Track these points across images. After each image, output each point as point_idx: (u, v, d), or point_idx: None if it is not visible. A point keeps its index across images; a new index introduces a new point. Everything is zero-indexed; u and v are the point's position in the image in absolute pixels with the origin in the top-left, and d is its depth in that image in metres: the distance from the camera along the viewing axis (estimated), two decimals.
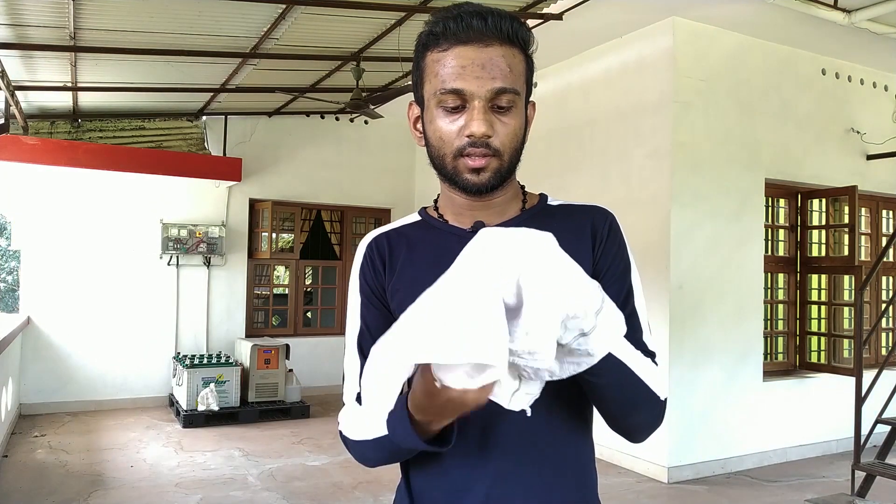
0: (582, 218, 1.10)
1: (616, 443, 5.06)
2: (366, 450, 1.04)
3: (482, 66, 0.98)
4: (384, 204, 8.46)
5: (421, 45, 1.05)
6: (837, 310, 6.02)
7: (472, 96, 0.98)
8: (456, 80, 0.98)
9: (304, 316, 8.37)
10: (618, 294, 1.06)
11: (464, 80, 0.98)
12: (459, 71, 0.98)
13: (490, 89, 0.98)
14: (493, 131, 0.99)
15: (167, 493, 4.50)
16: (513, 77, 1.00)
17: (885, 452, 4.40)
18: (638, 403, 1.00)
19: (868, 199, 6.30)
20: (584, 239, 1.08)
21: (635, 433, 1.07)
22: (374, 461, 1.06)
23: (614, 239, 1.10)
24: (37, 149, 6.35)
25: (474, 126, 0.98)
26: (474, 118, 0.98)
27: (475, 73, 0.98)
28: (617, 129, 5.47)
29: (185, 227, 7.28)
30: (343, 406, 1.12)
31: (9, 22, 4.35)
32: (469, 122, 0.99)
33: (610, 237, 1.09)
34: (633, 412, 1.02)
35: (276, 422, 6.58)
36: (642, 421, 1.04)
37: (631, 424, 1.04)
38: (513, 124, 1.01)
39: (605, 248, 1.08)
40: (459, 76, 0.98)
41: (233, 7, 4.34)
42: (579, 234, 1.08)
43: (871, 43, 5.33)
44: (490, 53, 0.99)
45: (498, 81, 0.98)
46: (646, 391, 0.99)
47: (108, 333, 6.98)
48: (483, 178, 1.01)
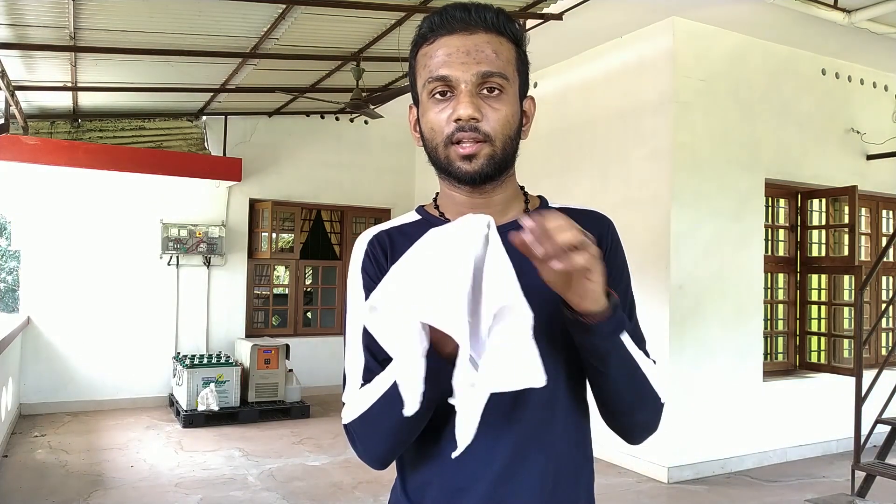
0: (588, 225, 1.10)
1: (616, 443, 5.02)
2: (371, 423, 0.99)
3: (467, 53, 0.99)
4: (384, 204, 8.46)
5: (412, 46, 1.07)
6: (837, 310, 6.03)
7: (457, 81, 0.99)
8: (442, 68, 1.00)
9: (304, 316, 8.37)
10: (623, 307, 1.06)
11: (449, 66, 1.00)
12: (445, 59, 1.00)
13: (475, 73, 0.99)
14: (482, 115, 0.99)
15: (167, 493, 4.50)
16: (499, 62, 1.01)
17: (885, 452, 4.40)
18: (641, 400, 1.03)
19: (868, 199, 6.30)
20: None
21: (634, 433, 1.08)
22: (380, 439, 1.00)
23: (616, 249, 1.12)
24: (37, 149, 6.35)
25: (461, 109, 0.98)
26: (461, 102, 0.99)
27: (460, 59, 0.99)
28: (617, 129, 5.47)
29: (185, 227, 7.28)
30: (343, 406, 1.08)
31: (9, 22, 4.35)
32: (456, 107, 0.99)
33: (613, 247, 1.11)
34: (635, 409, 1.04)
35: (276, 422, 6.58)
36: (643, 420, 1.06)
37: (632, 423, 1.06)
38: (504, 110, 1.01)
39: (611, 258, 1.10)
40: (445, 63, 1.00)
41: (233, 7, 4.34)
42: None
43: (871, 43, 5.33)
44: (475, 40, 1.00)
45: (483, 65, 0.99)
46: (649, 389, 1.03)
47: (109, 333, 6.98)
48: (475, 165, 1.01)
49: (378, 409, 0.98)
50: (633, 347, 0.99)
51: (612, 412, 1.05)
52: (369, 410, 1.00)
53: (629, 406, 1.03)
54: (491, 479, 1.00)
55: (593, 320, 0.91)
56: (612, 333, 0.94)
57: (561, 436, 1.05)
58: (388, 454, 1.03)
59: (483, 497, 1.00)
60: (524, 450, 1.01)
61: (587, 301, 0.90)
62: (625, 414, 1.05)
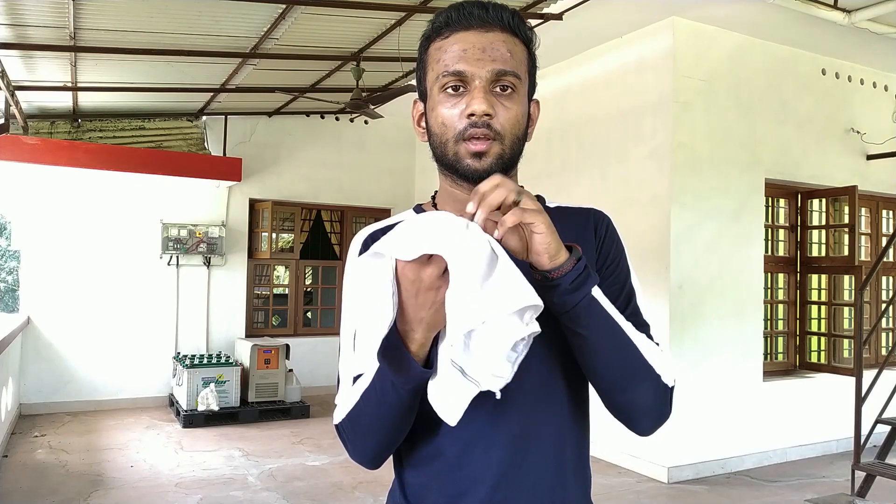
0: (582, 220, 1.11)
1: (616, 443, 5.06)
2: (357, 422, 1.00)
3: (483, 49, 0.99)
4: (384, 204, 8.46)
5: (424, 39, 1.07)
6: (837, 310, 6.03)
7: (472, 77, 0.99)
8: (458, 63, 1.00)
9: (304, 316, 8.37)
10: (619, 291, 1.08)
11: (465, 62, 0.99)
12: (461, 54, 1.00)
13: (490, 70, 0.99)
14: (494, 112, 0.99)
15: (167, 493, 4.50)
16: (513, 62, 1.01)
17: (885, 452, 4.40)
18: (634, 374, 0.99)
19: (868, 199, 6.30)
20: (588, 240, 1.09)
21: (637, 418, 1.03)
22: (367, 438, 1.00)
23: (613, 240, 1.11)
24: (37, 149, 6.35)
25: (475, 104, 0.98)
26: (475, 97, 0.98)
27: (476, 56, 0.99)
28: (617, 129, 5.47)
29: (185, 227, 7.28)
30: (335, 406, 1.07)
31: (9, 22, 4.35)
32: (470, 102, 0.99)
33: (608, 238, 1.11)
34: (628, 383, 1.00)
35: (276, 422, 6.58)
36: (640, 400, 1.01)
37: (628, 403, 1.01)
38: (514, 109, 1.01)
39: (606, 249, 1.10)
40: (461, 59, 0.99)
41: (233, 7, 4.34)
42: (583, 235, 1.09)
43: (871, 43, 5.33)
44: (491, 38, 1.00)
45: (498, 63, 0.99)
46: (643, 363, 0.99)
47: (109, 333, 6.98)
48: (485, 163, 1.00)
49: (362, 408, 0.99)
50: (611, 308, 0.97)
51: (604, 390, 1.01)
52: (354, 409, 1.00)
53: (619, 378, 0.99)
54: (490, 482, 1.00)
55: (556, 275, 0.90)
56: (579, 286, 0.91)
57: (559, 437, 1.04)
58: (379, 453, 1.03)
59: (482, 500, 1.00)
60: (523, 452, 1.01)
61: (544, 257, 0.89)
62: (617, 389, 1.00)
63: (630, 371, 0.99)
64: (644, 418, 1.03)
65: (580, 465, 1.08)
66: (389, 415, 0.96)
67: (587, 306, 0.93)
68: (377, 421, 0.98)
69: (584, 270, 0.92)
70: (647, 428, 1.04)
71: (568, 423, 1.06)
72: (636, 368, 0.99)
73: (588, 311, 0.94)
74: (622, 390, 1.00)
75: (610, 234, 1.11)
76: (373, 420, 0.98)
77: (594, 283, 0.94)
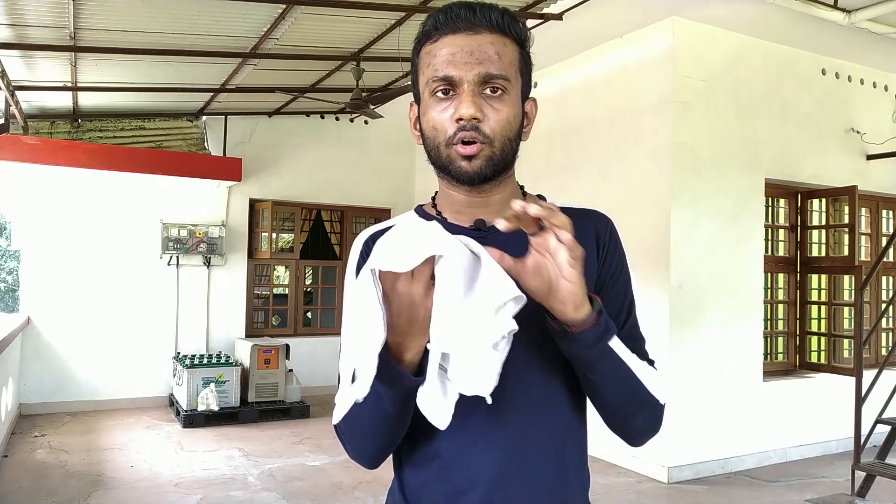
0: (584, 223, 1.09)
1: (616, 443, 5.03)
2: (354, 423, 1.00)
3: (470, 53, 0.99)
4: (384, 204, 8.46)
5: (416, 44, 1.07)
6: (837, 310, 6.03)
7: (460, 81, 0.99)
8: (446, 67, 1.00)
9: (304, 316, 8.37)
10: (621, 304, 1.08)
11: (453, 66, 0.99)
12: (449, 58, 1.00)
13: (478, 73, 0.99)
14: (483, 115, 0.99)
15: (167, 493, 4.50)
16: (501, 64, 1.00)
17: (885, 452, 4.40)
18: (637, 407, 1.02)
19: (868, 199, 6.30)
20: (589, 244, 1.08)
21: (635, 437, 1.09)
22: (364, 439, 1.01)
23: (616, 247, 1.10)
24: (37, 149, 6.35)
25: (462, 108, 0.98)
26: (462, 101, 0.99)
27: (464, 59, 0.99)
28: (617, 129, 5.47)
29: (185, 227, 7.28)
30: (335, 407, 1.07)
31: (9, 22, 4.35)
32: (458, 107, 0.99)
33: (612, 245, 1.10)
34: (633, 415, 1.03)
35: (276, 422, 6.58)
36: (642, 425, 1.06)
37: (631, 428, 1.07)
38: (505, 111, 1.01)
39: (609, 255, 1.09)
40: (449, 63, 1.00)
41: (233, 7, 4.34)
42: (585, 239, 1.07)
43: (871, 43, 5.33)
44: (479, 41, 1.00)
45: (486, 66, 0.99)
46: (646, 395, 1.01)
47: (109, 333, 6.98)
48: (475, 165, 1.01)
49: (356, 414, 1.00)
50: (624, 352, 0.98)
51: (609, 418, 1.05)
52: (349, 414, 1.01)
53: (625, 413, 1.03)
54: (489, 482, 1.00)
55: (577, 329, 0.90)
56: (597, 341, 0.93)
57: (558, 437, 1.05)
58: (376, 454, 1.04)
59: (482, 500, 1.00)
60: (522, 451, 1.01)
61: (569, 307, 0.89)
62: (622, 421, 1.05)
63: (634, 405, 1.02)
64: (640, 436, 1.09)
65: (579, 465, 1.08)
66: (384, 421, 0.97)
67: (603, 357, 0.95)
68: (372, 427, 0.99)
69: (604, 323, 0.93)
70: (641, 443, 1.10)
71: (567, 423, 1.06)
72: (640, 401, 1.02)
73: (602, 360, 0.96)
74: (624, 421, 1.05)
75: (613, 240, 1.10)
76: (367, 426, 0.99)
77: (612, 337, 0.95)
